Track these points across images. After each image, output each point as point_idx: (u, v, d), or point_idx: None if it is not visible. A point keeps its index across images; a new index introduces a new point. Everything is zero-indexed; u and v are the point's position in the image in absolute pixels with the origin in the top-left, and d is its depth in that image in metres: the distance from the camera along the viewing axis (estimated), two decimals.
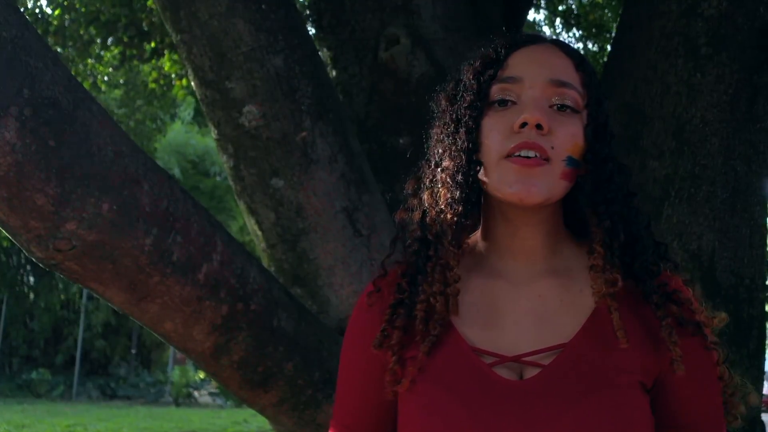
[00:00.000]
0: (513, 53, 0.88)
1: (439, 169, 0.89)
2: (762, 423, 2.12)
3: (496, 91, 0.86)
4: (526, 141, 0.81)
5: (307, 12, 3.14)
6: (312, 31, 2.83)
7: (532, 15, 6.63)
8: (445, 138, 0.89)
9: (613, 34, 3.78)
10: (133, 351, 18.94)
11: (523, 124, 0.82)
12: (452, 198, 0.86)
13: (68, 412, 12.61)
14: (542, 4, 6.30)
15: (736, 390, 0.85)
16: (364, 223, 2.05)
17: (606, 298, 0.82)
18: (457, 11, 2.61)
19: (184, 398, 16.08)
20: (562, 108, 0.84)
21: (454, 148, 0.87)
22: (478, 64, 0.89)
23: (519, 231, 0.87)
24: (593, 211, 0.85)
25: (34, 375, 16.44)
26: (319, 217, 2.02)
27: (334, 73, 2.68)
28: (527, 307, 0.86)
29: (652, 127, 2.13)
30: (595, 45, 6.28)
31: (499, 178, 0.82)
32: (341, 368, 0.95)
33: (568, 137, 0.83)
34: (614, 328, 0.81)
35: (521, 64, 0.87)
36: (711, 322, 0.85)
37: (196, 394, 16.82)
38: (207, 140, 14.55)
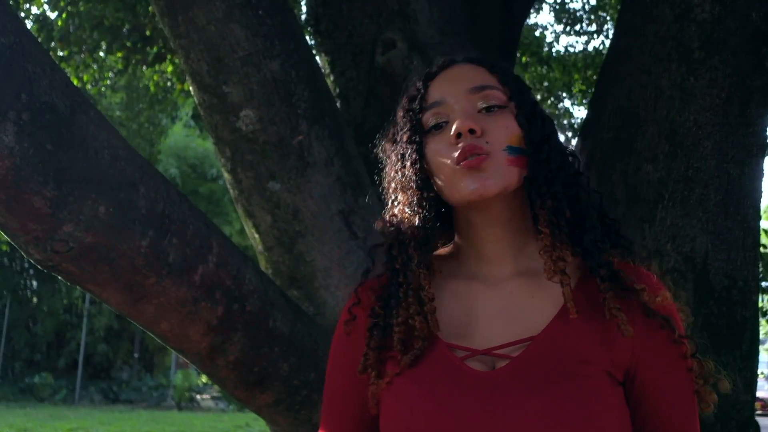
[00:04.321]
0: (431, 82, 0.95)
1: (396, 209, 0.95)
2: (756, 424, 2.13)
3: (428, 118, 0.92)
4: (463, 147, 0.86)
5: (303, 13, 3.15)
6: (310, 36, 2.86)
7: (537, 18, 6.67)
8: (395, 176, 0.95)
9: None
10: (136, 355, 18.96)
11: (459, 135, 0.87)
12: (413, 230, 0.91)
13: (71, 416, 12.64)
14: (548, 12, 6.34)
15: (709, 379, 0.86)
16: (360, 226, 2.07)
17: (558, 275, 0.85)
18: (454, 16, 2.64)
19: (186, 402, 16.11)
20: (489, 109, 0.90)
21: (403, 181, 0.93)
22: (405, 102, 0.96)
23: (485, 234, 0.91)
24: (537, 193, 0.89)
25: (36, 379, 16.48)
26: (315, 220, 2.04)
27: (331, 77, 2.71)
28: (500, 305, 0.90)
29: (646, 130, 2.15)
30: (593, 47, 6.32)
31: (457, 186, 0.87)
32: (327, 392, 1.00)
33: (501, 130, 0.88)
34: (564, 299, 0.85)
35: (441, 87, 0.93)
36: (668, 305, 0.87)
37: (198, 397, 16.85)
38: (207, 143, 14.58)
